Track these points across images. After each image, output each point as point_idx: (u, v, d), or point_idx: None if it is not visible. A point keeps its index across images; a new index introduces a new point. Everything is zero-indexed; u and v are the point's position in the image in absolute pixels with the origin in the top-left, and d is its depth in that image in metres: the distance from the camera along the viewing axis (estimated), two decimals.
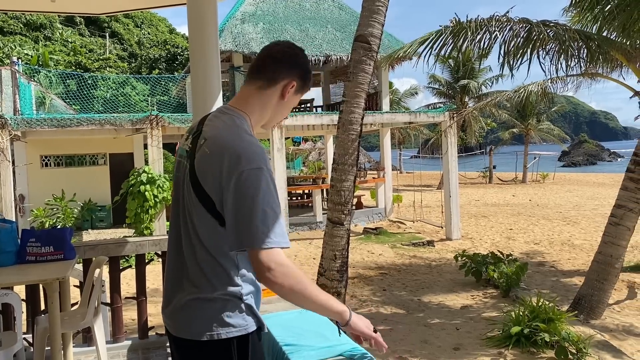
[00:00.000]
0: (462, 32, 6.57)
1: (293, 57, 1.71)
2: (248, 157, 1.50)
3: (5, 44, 32.84)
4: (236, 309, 1.58)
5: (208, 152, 1.55)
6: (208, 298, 1.58)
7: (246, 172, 1.48)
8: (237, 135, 1.57)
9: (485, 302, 8.28)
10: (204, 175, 1.54)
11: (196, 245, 1.59)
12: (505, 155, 43.58)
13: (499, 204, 21.68)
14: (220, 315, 1.57)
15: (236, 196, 1.48)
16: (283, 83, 1.68)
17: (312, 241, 13.37)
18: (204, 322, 1.58)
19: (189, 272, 1.61)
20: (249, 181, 1.48)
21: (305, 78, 1.73)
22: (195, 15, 4.42)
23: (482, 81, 30.42)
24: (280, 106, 1.72)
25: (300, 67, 1.71)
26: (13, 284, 3.71)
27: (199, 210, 1.56)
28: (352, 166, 5.83)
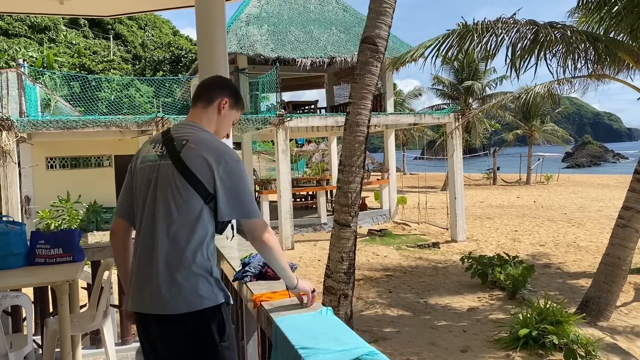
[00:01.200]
0: (469, 34, 6.56)
1: (220, 82, 2.24)
2: (228, 153, 1.98)
3: (10, 46, 32.96)
4: (207, 283, 1.95)
5: (194, 147, 1.96)
6: (184, 275, 1.91)
7: (231, 163, 1.95)
8: (211, 135, 2.08)
9: (492, 304, 8.26)
10: (195, 164, 1.93)
11: (177, 228, 1.93)
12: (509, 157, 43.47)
13: (503, 205, 21.63)
14: (195, 289, 1.91)
15: (230, 179, 1.94)
16: (217, 101, 2.15)
17: (316, 243, 13.36)
18: (181, 297, 1.90)
19: (166, 254, 1.92)
20: (235, 170, 1.95)
21: (235, 96, 2.20)
22: (204, 17, 4.42)
23: (486, 82, 30.36)
24: (221, 119, 2.17)
25: (228, 88, 2.21)
26: (23, 286, 3.72)
27: (187, 193, 1.92)
28: (359, 168, 5.82)
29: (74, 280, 3.44)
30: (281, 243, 12.77)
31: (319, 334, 2.05)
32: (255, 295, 2.48)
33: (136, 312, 2.03)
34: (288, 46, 15.73)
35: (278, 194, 13.04)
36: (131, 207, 2.12)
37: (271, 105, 16.50)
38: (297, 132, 16.02)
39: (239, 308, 3.41)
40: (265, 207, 14.26)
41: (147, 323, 2.00)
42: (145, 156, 2.09)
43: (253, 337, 3.09)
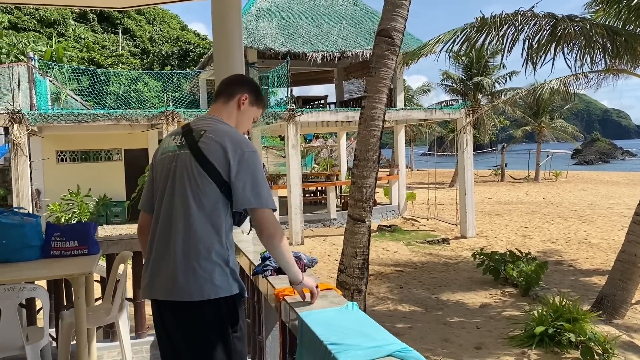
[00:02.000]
0: (486, 27, 6.47)
1: (244, 79, 2.30)
2: (245, 142, 2.01)
3: (19, 40, 33.03)
4: (223, 273, 1.96)
5: (212, 136, 1.99)
6: (200, 263, 1.93)
7: (248, 153, 1.96)
8: (230, 127, 2.09)
9: (505, 300, 8.20)
10: (211, 152, 1.95)
11: (195, 216, 1.94)
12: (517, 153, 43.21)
13: (512, 202, 21.49)
14: (211, 277, 1.93)
15: (245, 168, 1.94)
16: (238, 96, 2.18)
17: (326, 238, 13.32)
18: (197, 284, 1.91)
19: (184, 241, 1.94)
20: (251, 159, 1.96)
21: (256, 93, 2.23)
22: (219, 7, 4.36)
23: (495, 78, 30.14)
24: (241, 115, 2.19)
25: (249, 85, 2.24)
26: (40, 279, 3.69)
27: (204, 181, 1.94)
28: (375, 163, 5.76)
29: (90, 273, 3.41)
30: (291, 238, 12.74)
31: (347, 330, 2.00)
32: (278, 290, 2.43)
33: (152, 299, 2.05)
34: (298, 40, 15.66)
35: (288, 189, 13.00)
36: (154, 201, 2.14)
37: (281, 100, 16.46)
38: (306, 127, 15.93)
39: (256, 302, 3.37)
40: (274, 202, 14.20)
41: (163, 310, 2.02)
42: (165, 148, 2.13)
43: (273, 332, 3.06)
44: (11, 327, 3.15)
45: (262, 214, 1.96)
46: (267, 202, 1.97)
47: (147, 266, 2.08)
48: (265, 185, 1.98)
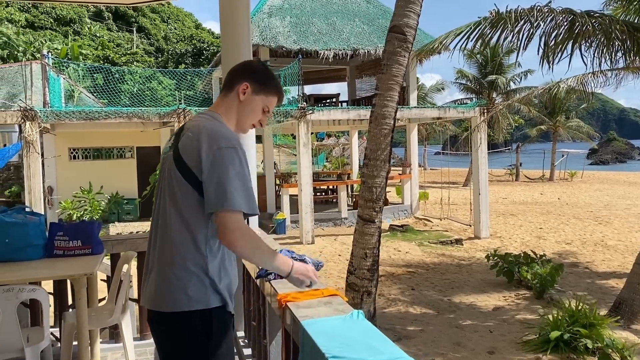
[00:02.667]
0: (501, 22, 6.30)
1: (245, 66, 2.07)
2: (224, 137, 1.81)
3: (36, 39, 33.33)
4: (200, 284, 1.80)
5: (190, 134, 1.84)
6: (175, 272, 1.80)
7: (224, 149, 1.77)
8: (215, 122, 1.90)
9: (518, 303, 8.02)
10: (186, 152, 1.80)
11: (173, 221, 1.82)
12: (532, 153, 42.73)
13: (527, 202, 21.21)
14: (185, 288, 1.79)
15: (215, 166, 1.75)
16: (238, 86, 1.99)
17: (337, 237, 13.20)
18: (170, 294, 1.80)
19: (162, 248, 1.84)
20: (226, 155, 1.76)
21: (260, 80, 2.01)
22: (227, 4, 4.28)
23: (510, 77, 29.78)
24: (242, 107, 2.00)
25: (251, 72, 2.02)
26: (41, 279, 3.64)
27: (183, 186, 1.80)
28: (385, 162, 5.64)
29: (91, 274, 3.34)
30: (301, 237, 12.64)
31: (351, 341, 1.89)
32: (281, 295, 2.33)
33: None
34: (310, 38, 15.55)
35: (299, 187, 12.91)
36: None
37: (293, 98, 16.36)
38: (318, 126, 15.83)
39: (261, 306, 3.28)
40: (285, 201, 14.15)
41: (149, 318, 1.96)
42: (163, 149, 2.09)
43: (277, 338, 2.96)
44: (10, 328, 3.09)
45: (221, 218, 1.74)
46: (230, 203, 1.73)
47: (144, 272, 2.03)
48: (236, 184, 1.75)
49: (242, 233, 1.76)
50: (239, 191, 1.75)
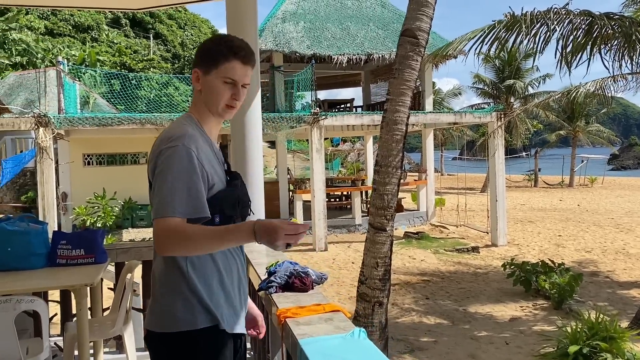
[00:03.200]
0: (517, 25, 6.14)
1: (196, 53, 1.82)
2: (170, 136, 1.66)
3: (54, 46, 33.78)
4: (186, 303, 1.67)
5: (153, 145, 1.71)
6: (161, 291, 1.71)
7: (164, 150, 1.63)
8: (173, 123, 1.77)
9: (536, 314, 7.80)
10: (149, 165, 1.70)
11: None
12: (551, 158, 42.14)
13: (545, 208, 20.84)
14: (170, 308, 1.68)
15: (157, 170, 1.62)
16: (193, 78, 1.80)
17: (350, 244, 13.05)
18: (158, 314, 1.71)
19: (154, 267, 1.77)
20: (165, 157, 1.61)
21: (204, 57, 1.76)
22: (234, 10, 4.20)
23: (528, 81, 29.41)
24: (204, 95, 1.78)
25: (197, 56, 1.80)
26: (42, 289, 3.58)
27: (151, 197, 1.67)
28: (397, 169, 5.50)
29: (92, 284, 3.26)
30: (314, 244, 12.51)
31: None
32: (280, 310, 2.22)
33: None
34: (324, 43, 15.47)
35: (312, 194, 12.79)
36: None
37: (306, 104, 16.28)
38: (332, 131, 15.73)
39: (265, 318, 3.17)
40: (299, 207, 14.04)
41: None
42: None
43: (278, 354, 2.85)
44: (8, 340, 3.02)
45: (154, 225, 1.58)
46: (160, 210, 1.57)
47: None
48: (170, 187, 1.57)
49: (168, 234, 1.56)
50: (176, 194, 1.58)
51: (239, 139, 4.20)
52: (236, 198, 1.78)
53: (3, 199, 18.80)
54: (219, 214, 1.71)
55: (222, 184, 1.75)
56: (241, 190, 1.84)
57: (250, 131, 4.19)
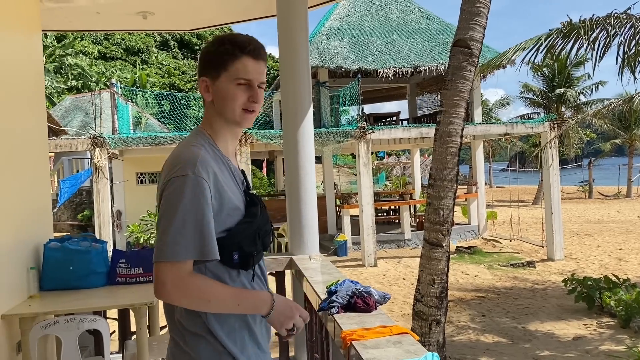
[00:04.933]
0: (574, 33, 5.92)
1: (199, 61, 1.64)
2: (178, 162, 1.46)
3: (107, 69, 35.13)
4: (209, 347, 1.50)
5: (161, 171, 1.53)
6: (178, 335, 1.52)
7: (173, 179, 1.43)
8: (183, 143, 1.57)
9: (601, 332, 7.40)
10: (158, 191, 1.50)
11: None
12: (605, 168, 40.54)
13: (603, 220, 19.97)
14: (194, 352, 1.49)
15: (161, 204, 1.45)
16: (201, 87, 1.61)
17: (400, 260, 12.82)
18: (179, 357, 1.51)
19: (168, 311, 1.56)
20: (173, 189, 1.43)
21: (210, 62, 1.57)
22: (285, 25, 4.20)
23: (580, 89, 28.45)
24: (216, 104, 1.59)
25: (201, 63, 1.61)
26: (103, 308, 3.62)
27: None
28: (452, 182, 5.35)
29: (152, 303, 3.27)
30: (363, 260, 12.37)
31: None
32: (345, 333, 2.14)
33: None
34: (370, 57, 15.44)
35: (360, 208, 12.68)
36: None
37: (352, 118, 16.23)
38: (378, 145, 15.59)
39: (324, 339, 3.09)
40: (346, 222, 13.94)
41: None
42: None
43: None
44: (72, 358, 3.06)
45: (154, 270, 1.42)
46: (163, 252, 1.40)
47: None
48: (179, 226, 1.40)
49: (178, 286, 1.40)
50: (183, 234, 1.40)
51: (292, 155, 4.16)
52: (255, 231, 1.56)
53: (61, 218, 19.52)
54: (238, 251, 1.52)
55: (241, 211, 1.54)
56: (261, 219, 1.61)
57: (304, 146, 4.15)
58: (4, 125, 3.21)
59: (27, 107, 3.67)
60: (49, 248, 3.57)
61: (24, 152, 3.53)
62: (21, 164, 3.47)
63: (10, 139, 3.30)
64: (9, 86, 3.34)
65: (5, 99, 3.27)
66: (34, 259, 3.52)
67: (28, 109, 3.70)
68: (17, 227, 3.34)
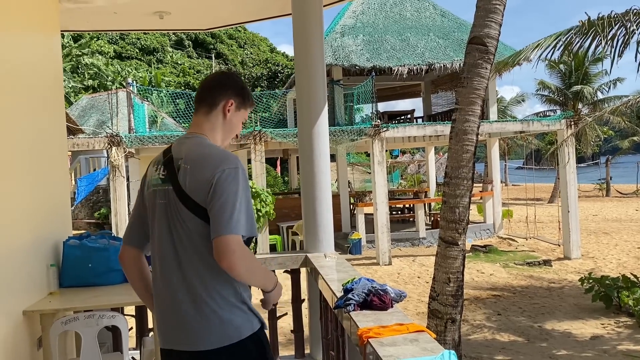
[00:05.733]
0: (592, 30, 5.84)
1: (224, 80, 1.98)
2: (224, 160, 1.78)
3: (123, 68, 35.44)
4: (238, 310, 1.80)
5: (188, 166, 1.79)
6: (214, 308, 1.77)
7: (227, 170, 1.75)
8: (208, 146, 1.87)
9: (620, 332, 7.32)
10: (191, 187, 1.77)
11: (195, 257, 1.78)
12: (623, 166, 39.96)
13: (620, 219, 19.73)
14: (227, 319, 1.78)
15: (218, 190, 1.72)
16: (222, 104, 1.94)
17: (415, 258, 12.78)
18: (214, 329, 1.77)
19: (189, 285, 1.78)
20: (228, 178, 1.73)
21: (241, 94, 1.97)
22: (301, 24, 4.21)
23: (597, 86, 28.07)
24: (227, 124, 1.97)
25: (232, 87, 1.96)
26: (121, 305, 3.66)
27: (194, 221, 1.77)
28: (468, 180, 5.31)
29: None
30: (378, 258, 12.35)
31: None
32: (362, 330, 2.15)
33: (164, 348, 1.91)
34: (384, 55, 15.40)
35: (374, 206, 12.66)
36: (142, 233, 1.98)
37: (366, 116, 16.21)
38: (392, 143, 15.55)
39: (340, 336, 3.10)
40: (360, 220, 13.93)
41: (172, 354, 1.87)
42: (150, 180, 1.95)
43: None
44: (92, 354, 3.10)
45: (222, 240, 1.69)
46: (232, 227, 1.70)
47: (156, 313, 1.93)
48: (239, 207, 1.72)
49: (242, 255, 1.72)
50: (242, 214, 1.73)
51: (307, 153, 4.18)
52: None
53: (78, 216, 19.76)
54: None
55: None
56: None
57: (319, 145, 4.17)
58: (25, 125, 3.27)
59: (46, 107, 3.73)
60: (68, 246, 3.62)
61: (44, 151, 3.59)
62: (41, 163, 3.53)
63: (31, 139, 3.35)
64: (29, 86, 3.40)
65: (26, 99, 3.32)
66: (53, 256, 3.57)
67: (48, 109, 3.76)
68: (38, 225, 3.40)
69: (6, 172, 2.96)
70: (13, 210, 3.03)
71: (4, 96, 2.99)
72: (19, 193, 3.13)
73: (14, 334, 2.93)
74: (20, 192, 3.14)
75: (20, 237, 3.12)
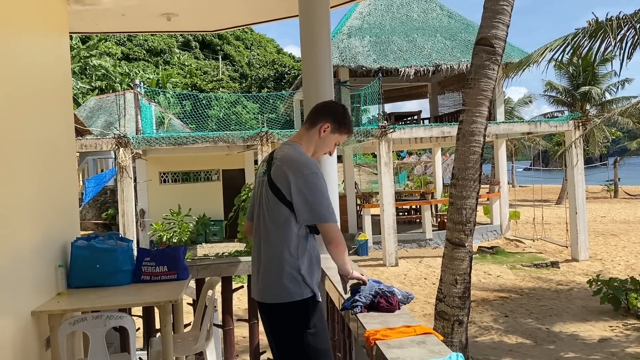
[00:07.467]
0: (601, 32, 5.81)
1: (329, 108, 2.54)
2: (306, 165, 2.30)
3: (130, 70, 35.60)
4: (294, 279, 2.31)
5: (280, 164, 2.34)
6: (276, 273, 2.33)
7: (309, 175, 2.27)
8: (297, 152, 2.39)
9: (628, 334, 7.27)
10: (277, 179, 2.31)
11: (271, 232, 2.33)
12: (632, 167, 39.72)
13: (629, 220, 19.59)
14: (283, 284, 2.31)
15: (303, 189, 2.25)
16: (320, 125, 2.46)
17: (422, 259, 12.76)
18: (273, 289, 2.34)
19: (266, 253, 2.38)
20: (313, 180, 2.27)
21: (339, 122, 2.48)
22: (308, 25, 4.21)
23: (605, 87, 27.90)
24: (320, 141, 2.48)
25: (333, 114, 2.48)
26: (129, 305, 3.67)
27: (277, 204, 2.31)
28: (475, 182, 5.30)
29: (177, 301, 3.32)
30: (384, 259, 12.33)
31: None
32: (369, 332, 2.15)
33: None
34: (391, 56, 15.37)
35: (381, 208, 12.64)
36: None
37: (373, 117, 16.19)
38: (399, 144, 15.53)
39: (347, 338, 3.10)
40: (367, 221, 13.92)
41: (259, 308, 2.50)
42: (258, 172, 2.58)
43: None
44: (99, 355, 3.11)
45: (323, 228, 2.28)
46: (326, 217, 2.26)
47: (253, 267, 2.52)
48: (324, 202, 2.26)
49: (341, 240, 2.32)
50: (328, 206, 2.28)
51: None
52: None
53: (85, 216, 19.85)
54: None
55: None
56: None
57: None
58: (33, 126, 3.28)
59: (55, 108, 3.75)
60: (76, 246, 3.63)
61: (53, 152, 3.61)
62: (50, 163, 3.54)
63: (39, 140, 3.37)
64: (38, 88, 3.42)
65: (34, 101, 3.34)
66: (61, 256, 3.58)
67: (56, 110, 3.77)
68: (46, 226, 3.41)
69: (15, 172, 2.98)
70: (22, 211, 3.04)
71: (14, 98, 3.01)
72: (28, 194, 3.14)
73: (23, 334, 2.95)
74: (29, 193, 3.16)
75: (29, 238, 3.13)
